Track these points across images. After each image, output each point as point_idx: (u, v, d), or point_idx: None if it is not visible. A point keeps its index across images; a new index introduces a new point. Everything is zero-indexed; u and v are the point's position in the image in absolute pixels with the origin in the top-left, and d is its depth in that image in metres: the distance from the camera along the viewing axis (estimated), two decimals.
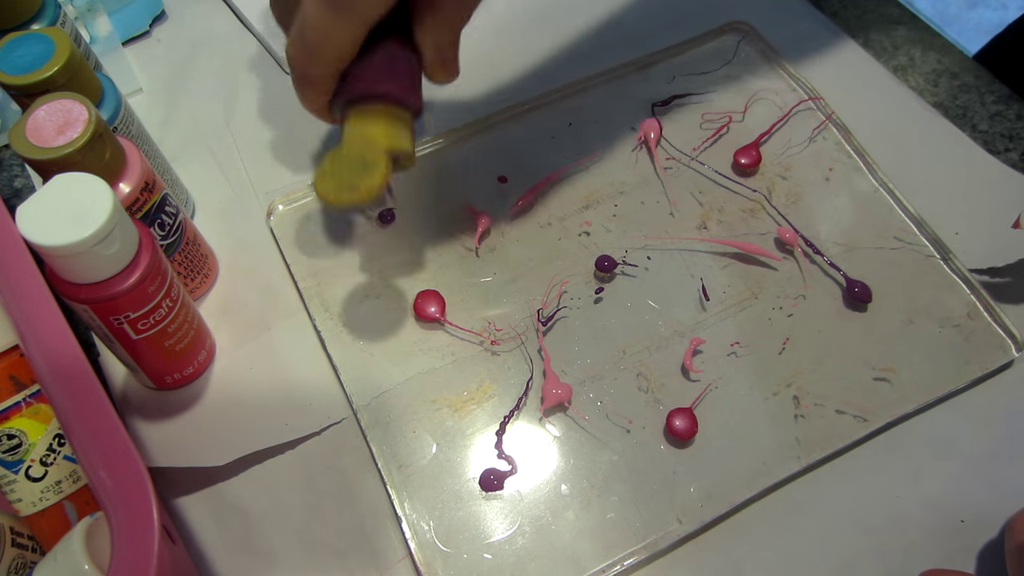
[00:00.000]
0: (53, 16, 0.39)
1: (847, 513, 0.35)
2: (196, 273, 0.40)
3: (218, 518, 0.36)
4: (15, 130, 0.32)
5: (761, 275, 0.41)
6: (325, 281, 0.41)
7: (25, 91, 0.34)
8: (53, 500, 0.34)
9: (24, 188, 0.47)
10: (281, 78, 0.49)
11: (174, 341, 0.35)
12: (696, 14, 0.50)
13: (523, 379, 0.38)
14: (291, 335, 0.40)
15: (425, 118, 0.46)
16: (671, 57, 0.48)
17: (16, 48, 0.35)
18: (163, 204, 0.36)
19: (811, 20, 0.50)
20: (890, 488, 0.35)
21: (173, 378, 0.37)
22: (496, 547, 0.34)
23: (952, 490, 0.35)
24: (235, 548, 0.35)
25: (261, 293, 0.41)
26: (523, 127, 0.46)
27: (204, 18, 0.52)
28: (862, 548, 0.34)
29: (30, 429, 0.34)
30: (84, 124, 0.32)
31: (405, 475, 0.36)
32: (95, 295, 0.31)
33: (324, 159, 0.33)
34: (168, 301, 0.34)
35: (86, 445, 0.26)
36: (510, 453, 0.36)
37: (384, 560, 0.35)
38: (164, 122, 0.47)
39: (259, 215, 0.43)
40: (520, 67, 0.49)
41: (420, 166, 0.44)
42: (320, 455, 0.37)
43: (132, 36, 0.51)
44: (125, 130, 0.38)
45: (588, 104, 0.46)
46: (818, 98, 0.46)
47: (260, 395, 0.38)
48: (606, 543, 0.34)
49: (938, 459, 0.36)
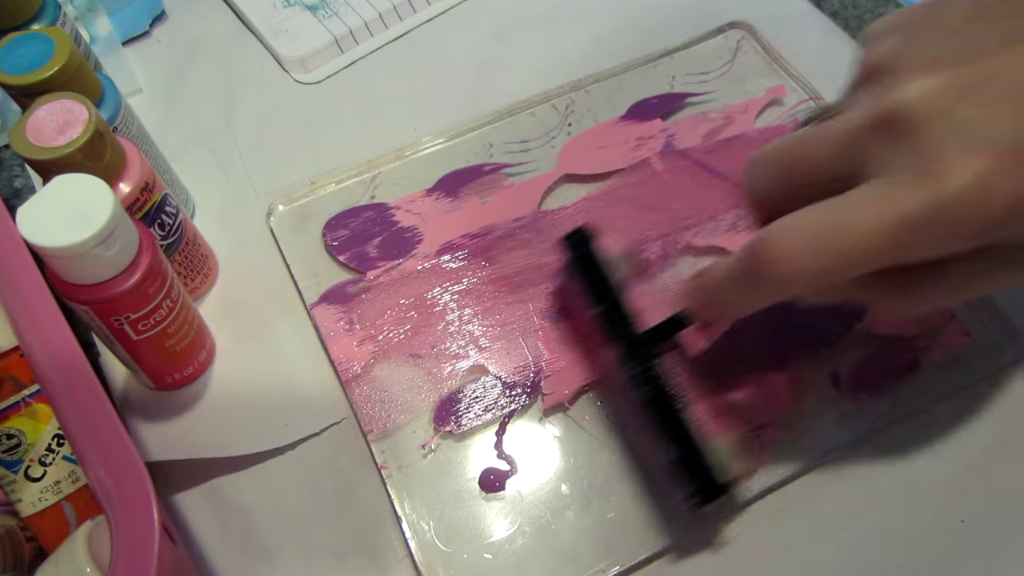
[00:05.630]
0: (53, 16, 0.39)
1: (847, 512, 0.35)
2: (196, 273, 0.40)
3: (218, 518, 0.36)
4: (15, 130, 0.32)
5: None
6: (325, 281, 0.41)
7: (25, 91, 0.34)
8: (52, 500, 0.34)
9: (24, 188, 0.47)
10: (281, 78, 0.49)
11: (174, 341, 0.35)
12: (696, 14, 0.50)
13: (523, 379, 0.38)
14: (291, 335, 0.40)
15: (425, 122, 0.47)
16: (671, 57, 0.48)
17: (16, 48, 0.35)
18: (163, 204, 0.36)
19: (811, 20, 0.50)
20: (890, 487, 0.35)
21: (173, 378, 0.37)
22: (496, 547, 0.34)
23: (952, 490, 0.35)
24: (235, 548, 0.35)
25: (261, 293, 0.41)
26: (523, 127, 0.46)
27: (204, 18, 0.52)
28: (862, 547, 0.34)
29: (29, 429, 0.34)
30: (84, 124, 0.32)
31: (405, 475, 0.36)
32: (95, 296, 0.31)
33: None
34: (168, 302, 0.34)
35: (86, 445, 0.26)
36: (510, 453, 0.36)
37: (384, 560, 0.35)
38: (164, 122, 0.47)
39: (259, 215, 0.43)
40: (519, 67, 0.49)
41: (419, 166, 0.44)
42: (320, 455, 0.37)
43: (132, 36, 0.51)
44: (125, 130, 0.38)
45: (588, 104, 0.46)
46: (818, 98, 0.46)
47: (260, 395, 0.38)
48: (606, 543, 0.34)
49: (938, 459, 0.36)
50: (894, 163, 0.25)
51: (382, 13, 0.50)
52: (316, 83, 0.49)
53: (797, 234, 0.26)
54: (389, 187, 0.44)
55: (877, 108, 0.25)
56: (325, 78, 0.49)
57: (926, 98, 0.24)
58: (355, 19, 0.50)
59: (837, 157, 0.27)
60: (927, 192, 0.24)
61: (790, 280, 0.26)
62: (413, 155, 0.45)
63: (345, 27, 0.50)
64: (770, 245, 0.26)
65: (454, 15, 0.51)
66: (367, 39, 0.50)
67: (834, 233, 0.25)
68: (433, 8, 0.52)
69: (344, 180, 0.44)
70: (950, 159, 0.23)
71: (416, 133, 0.46)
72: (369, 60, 0.50)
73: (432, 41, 0.50)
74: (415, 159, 0.45)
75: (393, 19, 0.51)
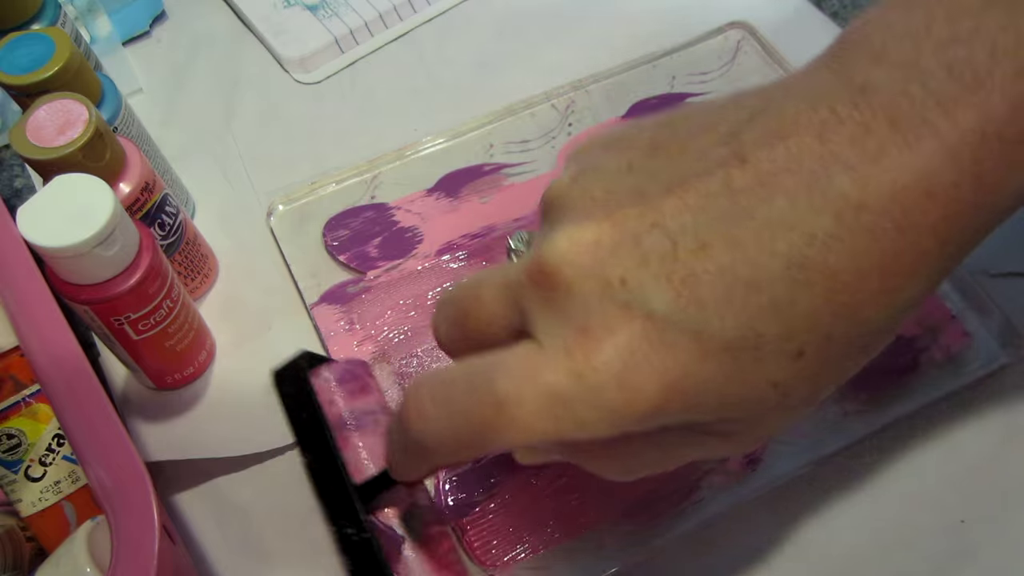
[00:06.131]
0: (53, 16, 0.39)
1: (847, 512, 0.35)
2: (196, 273, 0.40)
3: (218, 518, 0.36)
4: (15, 130, 0.32)
5: None
6: (325, 281, 0.41)
7: (25, 91, 0.34)
8: (52, 500, 0.34)
9: (24, 188, 0.47)
10: (281, 78, 0.49)
11: (174, 341, 0.35)
12: (696, 14, 0.50)
13: None
14: (291, 335, 0.40)
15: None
16: (671, 57, 0.48)
17: (16, 48, 0.35)
18: (163, 204, 0.36)
19: (811, 20, 0.50)
20: (889, 487, 0.35)
21: (173, 378, 0.37)
22: None
23: (952, 490, 0.35)
24: (235, 548, 0.35)
25: (261, 293, 0.41)
26: (523, 127, 0.46)
27: (204, 18, 0.52)
28: (862, 547, 0.34)
29: (29, 429, 0.34)
30: (84, 124, 0.32)
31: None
32: (96, 296, 0.31)
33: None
34: (169, 302, 0.34)
35: (86, 445, 0.26)
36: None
37: None
38: (164, 122, 0.47)
39: (259, 215, 0.43)
40: (519, 67, 0.49)
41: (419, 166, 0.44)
42: None
43: (132, 36, 0.51)
44: (125, 130, 0.38)
45: (588, 104, 0.46)
46: None
47: (260, 395, 0.38)
48: (606, 542, 0.34)
49: (938, 459, 0.36)
50: (548, 324, 0.21)
51: (382, 13, 0.50)
52: (316, 83, 0.49)
53: (427, 391, 0.22)
54: (389, 187, 0.44)
55: (532, 258, 0.22)
56: (325, 78, 0.49)
57: (580, 251, 0.21)
58: (355, 19, 0.50)
59: (505, 306, 0.23)
60: (571, 364, 0.20)
61: (427, 445, 0.22)
62: (413, 155, 0.45)
63: (345, 27, 0.50)
64: (407, 401, 0.23)
65: (454, 15, 0.51)
66: (367, 39, 0.50)
67: (469, 396, 0.21)
68: (433, 8, 0.52)
69: (344, 180, 0.44)
70: (597, 330, 0.20)
71: (416, 133, 0.46)
72: (369, 60, 0.50)
73: (432, 41, 0.50)
74: (415, 159, 0.45)
75: (393, 19, 0.51)
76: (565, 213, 0.22)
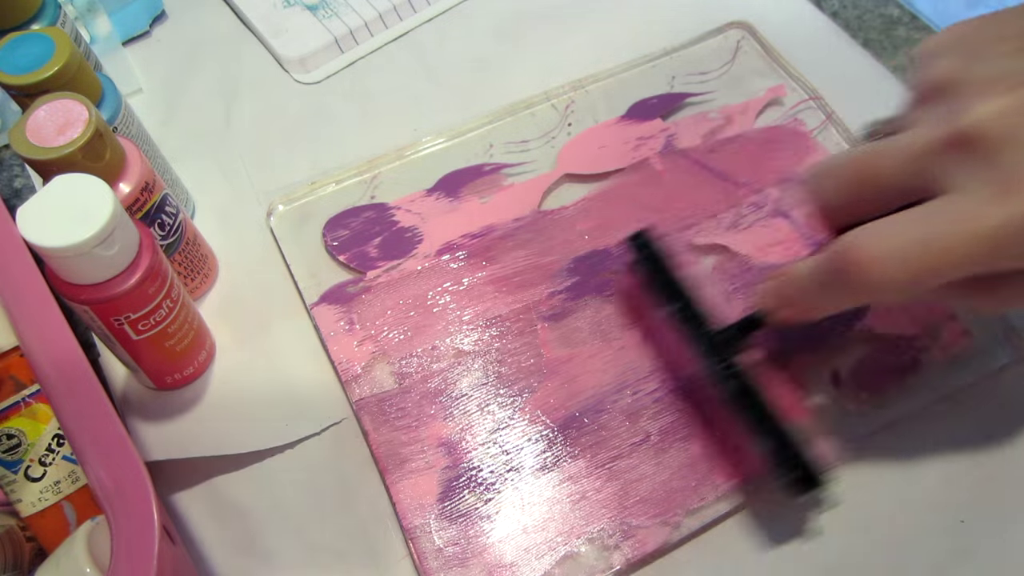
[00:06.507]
0: (53, 16, 0.39)
1: (847, 512, 0.35)
2: (196, 273, 0.40)
3: (218, 518, 0.36)
4: (15, 130, 0.32)
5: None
6: (325, 281, 0.41)
7: (25, 91, 0.34)
8: (52, 500, 0.34)
9: (24, 188, 0.47)
10: (281, 78, 0.49)
11: (174, 341, 0.35)
12: (696, 14, 0.50)
13: (524, 378, 0.38)
14: (291, 335, 0.40)
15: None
16: (671, 57, 0.48)
17: (16, 48, 0.35)
18: (163, 204, 0.36)
19: (811, 20, 0.50)
20: (889, 487, 0.35)
21: (173, 378, 0.37)
22: (497, 547, 0.34)
23: (952, 490, 0.35)
24: (235, 548, 0.35)
25: (261, 293, 0.41)
26: (523, 127, 0.46)
27: (204, 18, 0.52)
28: (862, 547, 0.34)
29: (29, 429, 0.34)
30: (84, 124, 0.32)
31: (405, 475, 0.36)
32: (95, 296, 0.31)
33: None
34: (168, 302, 0.34)
35: (86, 445, 0.26)
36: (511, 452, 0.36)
37: (384, 560, 0.35)
38: (164, 122, 0.47)
39: (259, 215, 0.43)
40: (519, 67, 0.49)
41: (419, 166, 0.44)
42: (320, 455, 0.37)
43: (132, 36, 0.51)
44: (125, 130, 0.38)
45: (587, 104, 0.46)
46: (818, 98, 0.46)
47: (260, 395, 0.38)
48: (608, 543, 0.34)
49: (938, 459, 0.36)
50: (972, 180, 0.26)
51: (382, 13, 0.50)
52: (316, 83, 0.49)
53: (889, 242, 0.27)
54: (389, 187, 0.44)
55: (950, 127, 0.27)
56: (325, 78, 0.49)
57: (999, 118, 0.26)
58: (355, 19, 0.50)
59: (908, 172, 0.28)
60: (1010, 208, 0.25)
61: (880, 285, 0.28)
62: (413, 155, 0.45)
63: (345, 27, 0.50)
64: (861, 251, 0.28)
65: (454, 15, 0.51)
66: (367, 39, 0.50)
67: (924, 243, 0.27)
68: (433, 8, 0.52)
69: (344, 180, 0.44)
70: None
71: (416, 133, 0.46)
72: (369, 60, 0.50)
73: (432, 41, 0.50)
74: (415, 159, 0.45)
75: (393, 19, 0.51)
76: (969, 92, 0.27)
